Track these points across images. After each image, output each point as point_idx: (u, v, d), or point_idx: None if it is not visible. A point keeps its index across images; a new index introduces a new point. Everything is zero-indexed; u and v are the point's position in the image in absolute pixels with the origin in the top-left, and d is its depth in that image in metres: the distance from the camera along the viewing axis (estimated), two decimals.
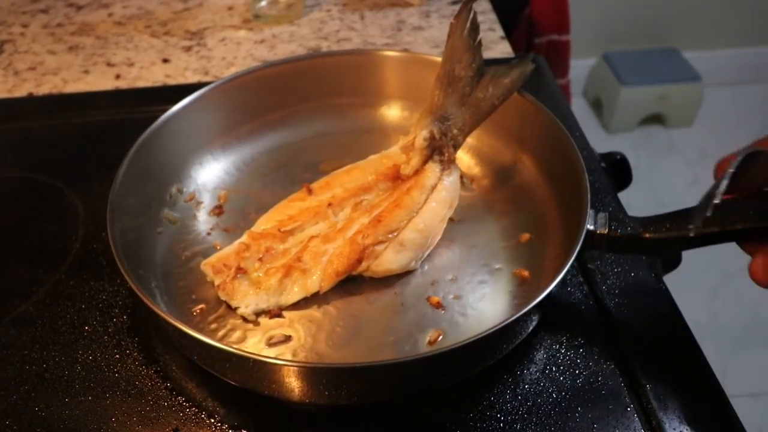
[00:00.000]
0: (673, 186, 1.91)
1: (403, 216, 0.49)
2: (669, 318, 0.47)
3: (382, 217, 0.49)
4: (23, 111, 0.73)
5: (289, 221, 0.50)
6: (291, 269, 0.47)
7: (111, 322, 0.49)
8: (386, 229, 0.49)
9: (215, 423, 0.42)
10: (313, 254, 0.48)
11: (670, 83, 1.97)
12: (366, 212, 0.50)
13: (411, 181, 0.51)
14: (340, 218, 0.51)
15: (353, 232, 0.49)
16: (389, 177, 0.53)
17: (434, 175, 0.51)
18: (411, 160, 0.52)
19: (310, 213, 0.51)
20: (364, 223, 0.49)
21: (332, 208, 0.51)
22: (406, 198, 0.50)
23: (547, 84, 0.70)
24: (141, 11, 0.90)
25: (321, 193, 0.52)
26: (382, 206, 0.50)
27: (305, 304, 0.47)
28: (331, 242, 0.49)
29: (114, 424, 0.42)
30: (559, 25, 1.05)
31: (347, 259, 0.47)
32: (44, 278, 0.52)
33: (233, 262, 0.48)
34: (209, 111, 0.58)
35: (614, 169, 0.63)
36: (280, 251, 0.49)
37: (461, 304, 0.47)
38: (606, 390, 0.43)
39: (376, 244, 0.48)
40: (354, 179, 0.53)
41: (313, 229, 0.50)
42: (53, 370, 0.46)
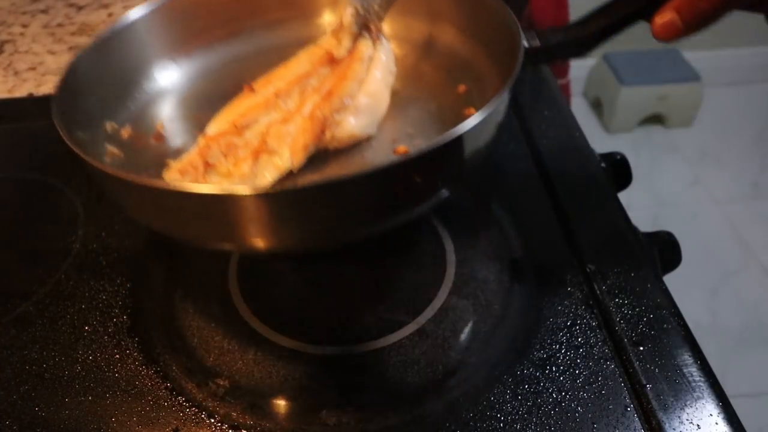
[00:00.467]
0: (673, 186, 1.91)
1: (351, 86, 0.52)
2: (669, 318, 0.47)
3: (333, 90, 0.51)
4: (23, 111, 0.72)
5: (242, 118, 0.51)
6: (259, 153, 0.48)
7: (111, 322, 0.49)
8: (339, 99, 0.51)
9: (215, 423, 0.42)
10: (276, 136, 0.49)
11: (670, 83, 1.97)
12: (315, 92, 0.52)
13: (348, 58, 0.54)
14: (291, 105, 0.52)
15: (309, 110, 0.50)
16: (325, 62, 0.55)
17: (368, 48, 0.55)
18: (342, 41, 0.55)
19: (259, 107, 0.52)
20: (317, 100, 0.51)
21: (280, 98, 0.52)
22: (349, 71, 0.52)
23: (547, 84, 0.70)
24: None
25: (264, 88, 0.53)
26: (328, 84, 0.52)
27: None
28: (291, 122, 0.50)
29: (114, 424, 0.42)
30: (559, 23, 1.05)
31: (311, 131, 0.48)
32: (44, 278, 0.52)
33: (199, 162, 0.48)
34: (136, 43, 0.56)
35: (614, 169, 0.63)
36: (242, 143, 0.49)
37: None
38: (606, 390, 0.43)
39: (334, 113, 0.50)
40: (292, 71, 0.54)
41: (267, 119, 0.51)
42: (53, 370, 0.46)
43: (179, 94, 0.58)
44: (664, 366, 0.44)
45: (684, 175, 1.95)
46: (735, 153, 2.02)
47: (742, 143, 2.05)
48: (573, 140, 0.62)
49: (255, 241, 0.38)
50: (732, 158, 2.00)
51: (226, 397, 0.43)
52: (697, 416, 0.41)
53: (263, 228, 0.38)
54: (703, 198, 1.87)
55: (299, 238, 0.40)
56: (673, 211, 1.83)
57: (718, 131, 2.09)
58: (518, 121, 0.65)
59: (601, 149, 0.64)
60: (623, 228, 0.53)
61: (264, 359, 0.46)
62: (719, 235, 1.74)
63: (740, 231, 1.74)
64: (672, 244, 0.55)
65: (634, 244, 0.52)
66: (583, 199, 0.56)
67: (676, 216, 1.81)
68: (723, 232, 1.75)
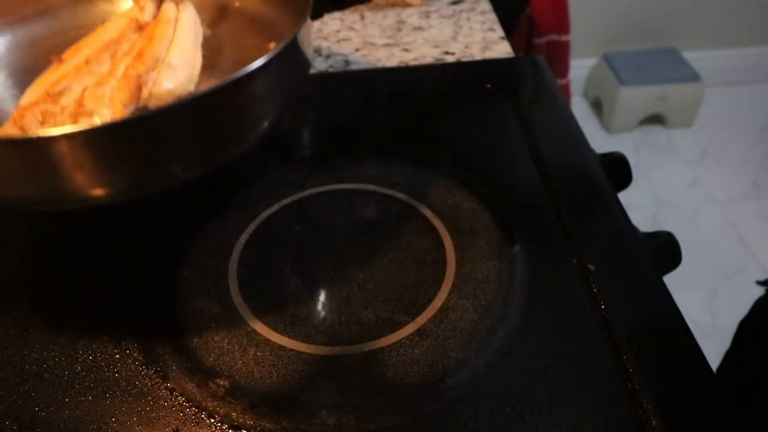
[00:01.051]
0: (673, 186, 1.92)
1: (161, 45, 0.53)
2: (669, 318, 0.47)
3: (143, 51, 0.52)
4: None
5: (54, 86, 0.50)
6: (77, 116, 0.48)
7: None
8: (151, 58, 0.51)
9: (215, 423, 0.42)
10: (93, 98, 0.49)
11: (670, 83, 1.97)
12: (126, 55, 0.53)
13: (154, 22, 0.56)
14: (103, 70, 0.53)
15: (122, 71, 0.51)
16: (133, 29, 0.56)
17: (171, 10, 0.57)
18: (145, 7, 0.57)
19: (71, 74, 0.52)
20: (129, 62, 0.52)
21: (92, 64, 0.53)
22: (156, 31, 0.54)
23: (547, 84, 0.70)
24: None
25: (73, 57, 0.54)
26: (138, 47, 0.53)
27: None
28: (106, 85, 0.50)
29: (114, 424, 0.42)
30: (558, 25, 1.05)
31: (127, 89, 0.49)
32: (46, 278, 0.52)
33: (15, 131, 0.47)
34: None
35: (614, 169, 0.63)
36: (59, 109, 0.49)
37: None
38: (606, 389, 0.43)
39: (148, 72, 0.51)
40: (100, 38, 0.55)
41: (81, 84, 0.51)
42: (53, 370, 0.46)
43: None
44: (664, 366, 0.44)
45: (684, 175, 1.95)
46: (735, 153, 2.02)
47: (742, 143, 2.05)
48: (573, 140, 0.62)
49: (76, 185, 0.40)
50: (732, 158, 2.00)
51: (226, 397, 0.43)
52: (697, 416, 0.41)
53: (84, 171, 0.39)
54: (703, 198, 1.87)
55: (122, 179, 0.41)
56: (673, 211, 1.83)
57: (718, 131, 2.09)
58: (518, 121, 0.65)
59: (601, 149, 0.64)
60: (623, 228, 0.53)
61: (264, 359, 0.46)
62: (719, 235, 1.74)
63: (740, 231, 1.74)
64: (672, 244, 0.55)
65: (634, 244, 0.52)
66: (583, 199, 0.56)
67: (676, 216, 1.81)
68: (723, 232, 1.75)
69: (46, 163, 0.38)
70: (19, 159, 0.38)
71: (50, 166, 0.38)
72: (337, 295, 0.49)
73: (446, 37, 0.81)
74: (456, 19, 0.84)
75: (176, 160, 0.43)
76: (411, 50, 0.79)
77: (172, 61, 0.52)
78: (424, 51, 0.79)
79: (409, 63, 0.77)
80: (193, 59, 0.55)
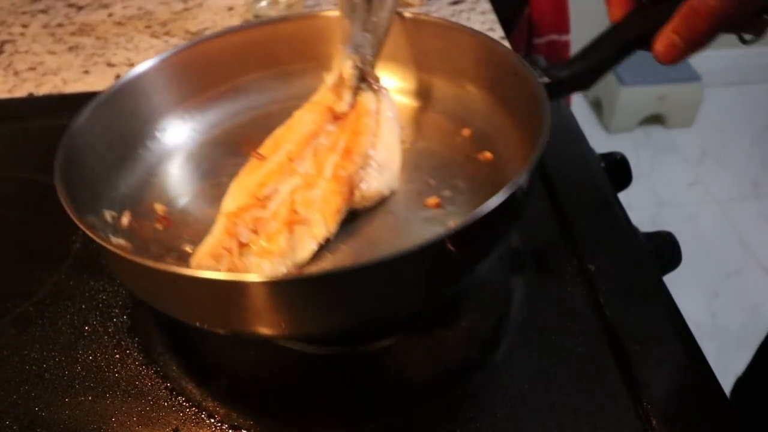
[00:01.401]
0: (673, 186, 1.92)
1: (367, 140, 0.51)
2: (669, 318, 0.47)
3: (350, 148, 0.50)
4: (23, 111, 0.73)
5: (261, 188, 0.48)
6: (292, 224, 0.45)
7: (111, 322, 0.49)
8: (360, 156, 0.49)
9: (215, 423, 0.42)
10: (304, 203, 0.47)
11: (670, 83, 1.97)
12: (330, 151, 0.50)
13: (353, 113, 0.53)
14: (307, 168, 0.50)
15: (330, 171, 0.49)
16: (329, 119, 0.53)
17: (371, 100, 0.54)
18: (343, 95, 0.54)
19: (275, 174, 0.49)
20: (336, 160, 0.49)
21: (295, 162, 0.50)
22: (360, 125, 0.52)
23: None
24: (141, 11, 0.90)
25: (274, 154, 0.51)
26: (341, 141, 0.51)
27: (317, 258, 0.46)
28: (316, 187, 0.48)
29: (114, 424, 0.42)
30: (558, 25, 1.05)
31: (341, 193, 0.47)
32: (44, 278, 0.52)
33: (231, 243, 0.44)
34: (128, 107, 0.54)
35: (614, 169, 0.63)
36: (269, 215, 0.47)
37: (455, 200, 0.49)
38: (606, 390, 0.43)
39: (358, 171, 0.49)
40: (297, 131, 0.52)
41: (287, 185, 0.49)
42: (53, 370, 0.46)
43: (175, 163, 0.54)
44: (664, 366, 0.44)
45: (684, 175, 1.95)
46: (735, 153, 2.02)
47: (742, 143, 2.05)
48: (573, 140, 0.62)
49: (289, 327, 0.37)
50: (732, 158, 2.00)
51: (226, 397, 0.43)
52: (697, 416, 0.41)
53: (298, 314, 0.37)
54: (703, 198, 1.87)
55: (329, 322, 0.38)
56: (673, 211, 1.83)
57: (718, 131, 2.09)
58: None
59: (601, 149, 0.64)
60: (623, 228, 0.53)
61: (264, 359, 0.46)
62: (719, 235, 1.74)
63: (740, 231, 1.74)
64: (672, 244, 0.55)
65: (634, 244, 0.52)
66: (583, 199, 0.56)
67: (676, 216, 1.81)
68: (723, 232, 1.75)
69: (310, 300, 0.36)
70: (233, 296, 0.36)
71: (315, 302, 0.36)
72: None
73: None
74: (456, 18, 0.84)
75: (404, 301, 0.40)
76: None
77: (379, 158, 0.50)
78: None
79: None
80: (397, 154, 0.52)
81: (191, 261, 0.44)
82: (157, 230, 0.49)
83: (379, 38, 0.55)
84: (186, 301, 0.39)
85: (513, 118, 0.51)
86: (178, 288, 0.37)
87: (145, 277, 0.38)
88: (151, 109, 0.55)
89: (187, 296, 0.38)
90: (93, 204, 0.47)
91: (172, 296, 0.39)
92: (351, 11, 0.55)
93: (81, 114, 0.49)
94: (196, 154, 0.56)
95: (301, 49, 0.61)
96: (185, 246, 0.47)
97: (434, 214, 0.48)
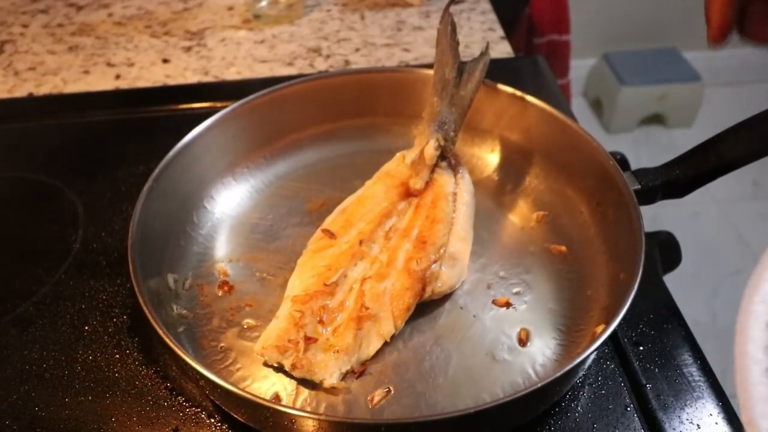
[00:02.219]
0: None
1: (443, 229, 0.48)
2: (669, 318, 0.47)
3: (425, 237, 0.48)
4: (23, 111, 0.73)
5: (330, 272, 0.46)
6: (361, 320, 0.44)
7: (111, 322, 0.49)
8: (434, 248, 0.47)
9: (215, 423, 0.42)
10: (374, 297, 0.45)
11: (670, 83, 1.97)
12: (403, 237, 0.48)
13: (429, 193, 0.51)
14: (375, 252, 0.48)
15: (403, 261, 0.47)
16: (402, 196, 0.51)
17: (450, 181, 0.52)
18: (420, 172, 0.51)
19: (345, 257, 0.47)
20: (410, 249, 0.47)
21: (364, 245, 0.48)
22: (436, 211, 0.49)
23: (547, 84, 0.70)
24: (141, 11, 0.90)
25: (344, 233, 0.49)
26: (415, 226, 0.48)
27: (382, 352, 0.45)
28: (387, 278, 0.46)
29: (114, 424, 0.42)
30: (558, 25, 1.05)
31: (411, 289, 0.45)
32: (44, 278, 0.52)
33: (297, 335, 0.43)
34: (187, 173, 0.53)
35: None
36: (336, 306, 0.45)
37: (525, 298, 0.48)
38: (606, 390, 0.43)
39: (431, 264, 0.46)
40: (369, 208, 0.50)
41: (356, 271, 0.47)
42: (53, 370, 0.46)
43: (237, 222, 0.54)
44: (664, 366, 0.44)
45: None
46: None
47: None
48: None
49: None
50: None
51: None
52: (697, 416, 0.41)
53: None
54: (703, 198, 1.87)
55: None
56: (673, 211, 1.82)
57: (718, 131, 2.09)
58: None
59: None
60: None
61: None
62: (719, 235, 1.74)
63: (740, 231, 1.74)
64: (672, 244, 0.55)
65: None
66: None
67: (676, 216, 1.80)
68: (723, 232, 1.75)
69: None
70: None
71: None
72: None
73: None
74: (456, 18, 0.84)
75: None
76: (411, 50, 0.79)
77: (454, 250, 0.47)
78: (424, 51, 0.79)
79: (409, 63, 0.77)
80: (469, 243, 0.49)
81: (256, 347, 0.44)
82: (218, 296, 0.49)
83: (463, 111, 0.54)
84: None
85: (594, 218, 0.50)
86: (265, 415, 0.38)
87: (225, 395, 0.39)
88: (211, 168, 0.55)
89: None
90: (158, 268, 0.47)
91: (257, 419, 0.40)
92: (443, 88, 0.53)
93: (153, 173, 0.49)
94: (259, 212, 0.55)
95: (384, 102, 0.60)
96: (246, 320, 0.47)
97: (503, 314, 0.46)
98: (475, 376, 0.43)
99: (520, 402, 0.36)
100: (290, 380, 0.43)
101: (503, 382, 0.42)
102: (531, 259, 0.50)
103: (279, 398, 0.42)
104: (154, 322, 0.39)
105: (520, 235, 0.52)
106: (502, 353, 0.44)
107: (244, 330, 0.46)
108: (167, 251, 0.49)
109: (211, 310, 0.48)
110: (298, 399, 0.42)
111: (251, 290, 0.49)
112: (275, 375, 0.43)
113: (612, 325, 0.38)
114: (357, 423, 0.38)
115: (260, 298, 0.48)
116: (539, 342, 0.45)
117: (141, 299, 0.41)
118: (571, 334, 0.45)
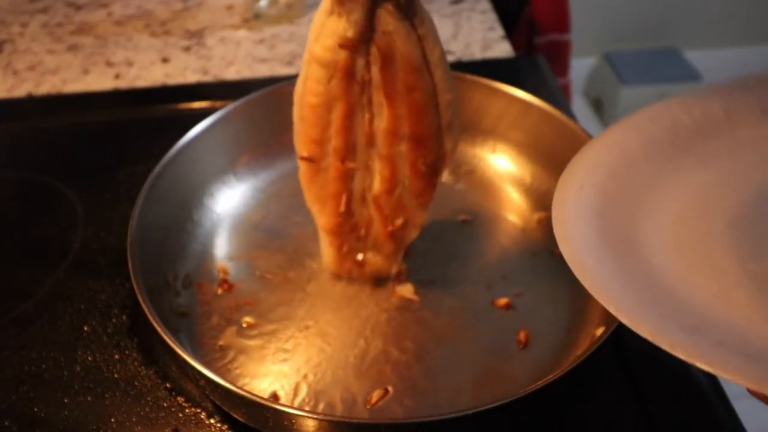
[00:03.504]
0: None
1: (431, 114, 0.41)
2: None
3: (417, 134, 0.41)
4: (23, 111, 0.72)
5: (335, 199, 0.45)
6: (394, 233, 0.46)
7: (111, 322, 0.48)
8: (432, 139, 0.42)
9: (215, 423, 0.42)
10: (394, 208, 0.45)
11: (671, 83, 1.97)
12: (393, 142, 0.42)
13: (392, 67, 0.39)
14: (365, 160, 0.43)
15: (407, 167, 0.43)
16: (348, 81, 0.39)
17: (410, 37, 0.38)
18: (353, 13, 0.36)
19: (338, 182, 0.44)
20: (407, 152, 0.42)
21: (348, 161, 0.43)
22: (415, 96, 0.40)
23: (547, 84, 0.70)
24: (140, 11, 0.90)
25: (319, 152, 0.43)
26: (400, 125, 0.41)
27: (383, 354, 0.45)
28: (398, 186, 0.44)
29: (114, 424, 0.42)
30: (559, 24, 1.05)
31: (429, 182, 0.44)
32: (44, 278, 0.52)
33: (348, 261, 0.47)
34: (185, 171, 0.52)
35: None
36: (364, 224, 0.46)
37: (525, 299, 0.47)
38: (605, 390, 0.43)
39: (437, 153, 0.43)
40: (324, 119, 0.42)
41: (357, 185, 0.44)
42: (53, 370, 0.46)
43: (238, 221, 0.54)
44: (665, 366, 0.44)
45: None
46: None
47: None
48: None
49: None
50: None
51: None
52: (698, 416, 0.41)
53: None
54: None
55: None
56: None
57: None
58: None
59: None
60: None
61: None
62: None
63: None
64: None
65: None
66: None
67: None
68: None
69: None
70: None
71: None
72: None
73: (446, 37, 0.81)
74: (456, 18, 0.84)
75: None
76: None
77: (448, 121, 0.42)
78: None
79: None
80: (454, 92, 0.42)
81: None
82: (217, 295, 0.49)
83: None
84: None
85: None
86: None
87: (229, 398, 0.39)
88: (212, 167, 0.55)
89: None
90: (158, 266, 0.47)
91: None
92: None
93: (153, 172, 0.49)
94: (260, 210, 0.55)
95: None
96: (245, 318, 0.47)
97: (503, 315, 0.47)
98: (475, 377, 0.43)
99: (519, 403, 0.36)
100: (289, 379, 0.43)
101: (503, 382, 0.42)
102: (532, 261, 0.50)
103: (277, 397, 0.42)
104: (153, 319, 0.39)
105: (521, 236, 0.52)
106: (502, 354, 0.44)
107: (243, 329, 0.46)
108: (167, 250, 0.49)
109: (211, 308, 0.48)
110: (296, 398, 0.42)
111: (251, 289, 0.49)
112: (274, 374, 0.44)
113: (612, 326, 0.38)
114: (356, 423, 0.38)
115: (260, 296, 0.48)
116: (539, 343, 0.45)
117: (140, 296, 0.41)
118: (571, 336, 0.45)
